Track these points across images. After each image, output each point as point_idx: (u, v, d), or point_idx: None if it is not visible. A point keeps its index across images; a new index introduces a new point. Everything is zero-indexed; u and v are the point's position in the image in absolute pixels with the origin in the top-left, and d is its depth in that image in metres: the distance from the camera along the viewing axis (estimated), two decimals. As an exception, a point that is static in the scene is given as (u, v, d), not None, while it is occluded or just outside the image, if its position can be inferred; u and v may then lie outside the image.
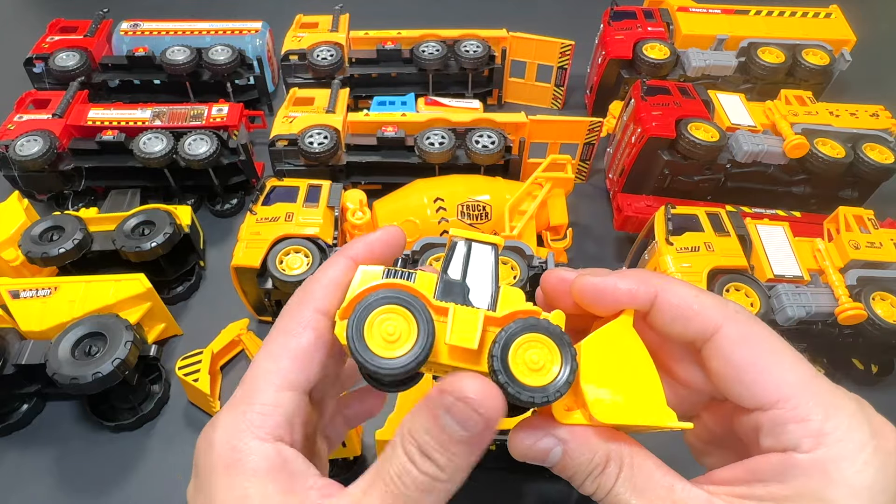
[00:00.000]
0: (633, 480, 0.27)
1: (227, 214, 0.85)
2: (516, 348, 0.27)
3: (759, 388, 0.26)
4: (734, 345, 0.27)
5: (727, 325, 0.27)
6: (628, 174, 0.79)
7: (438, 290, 0.28)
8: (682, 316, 0.28)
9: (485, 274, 0.29)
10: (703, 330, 0.28)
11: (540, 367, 0.27)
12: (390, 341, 0.27)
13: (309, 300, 0.29)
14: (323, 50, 0.92)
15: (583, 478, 0.27)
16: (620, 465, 0.27)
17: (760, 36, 0.93)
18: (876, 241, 0.66)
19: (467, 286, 0.28)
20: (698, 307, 0.28)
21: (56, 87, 0.90)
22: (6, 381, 0.60)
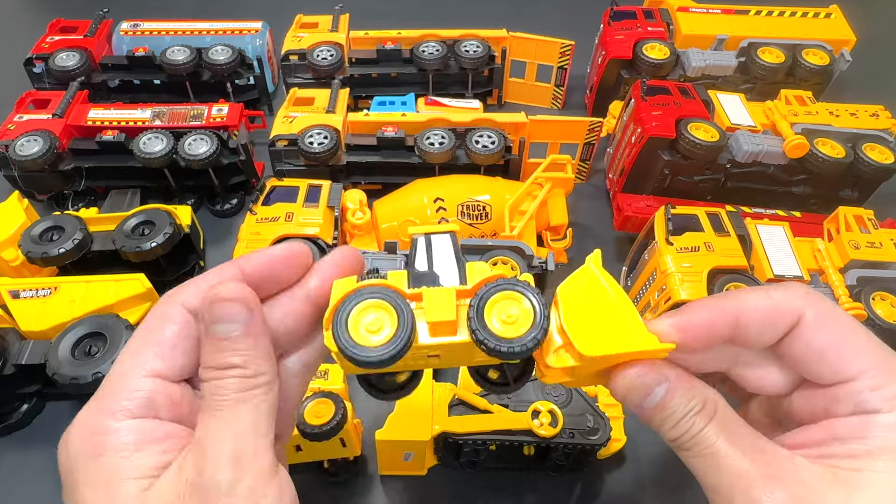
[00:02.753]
0: (723, 423, 0.28)
1: (227, 214, 0.85)
2: (490, 307, 0.29)
3: (841, 366, 0.28)
4: (815, 329, 0.28)
5: (806, 310, 0.28)
6: (628, 174, 0.79)
7: (409, 284, 0.30)
8: (767, 324, 0.29)
9: (448, 259, 0.31)
10: (788, 325, 0.29)
11: (514, 320, 0.28)
12: (374, 332, 0.28)
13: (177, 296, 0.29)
14: (323, 50, 0.92)
15: (678, 418, 0.28)
16: (715, 407, 0.28)
17: (760, 36, 0.93)
18: (876, 241, 0.66)
19: (435, 274, 0.30)
20: (777, 308, 0.29)
21: (56, 87, 0.90)
22: (6, 381, 0.60)
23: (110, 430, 0.26)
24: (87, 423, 0.27)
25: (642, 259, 0.72)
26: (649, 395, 0.28)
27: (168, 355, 0.28)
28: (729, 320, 0.29)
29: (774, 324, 0.29)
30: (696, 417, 0.28)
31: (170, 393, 0.28)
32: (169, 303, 0.29)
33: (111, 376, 0.28)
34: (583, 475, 0.60)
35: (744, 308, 0.29)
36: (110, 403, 0.27)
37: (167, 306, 0.29)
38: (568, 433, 0.54)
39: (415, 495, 0.59)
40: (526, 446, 0.56)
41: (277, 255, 0.30)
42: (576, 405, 0.55)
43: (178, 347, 0.28)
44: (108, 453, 0.26)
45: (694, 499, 0.58)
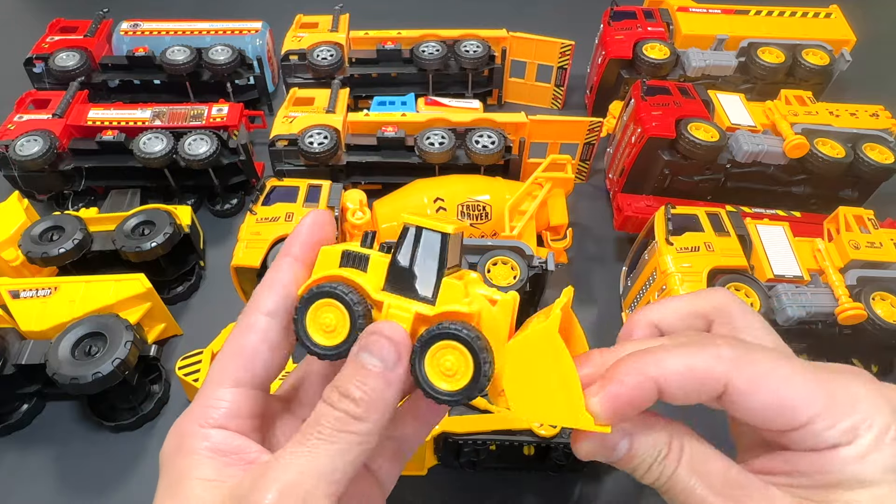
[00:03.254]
0: (693, 463, 0.28)
1: (227, 214, 0.85)
2: (434, 351, 0.28)
3: (786, 419, 0.27)
4: (746, 395, 0.27)
5: (732, 379, 0.27)
6: (628, 174, 0.79)
7: (388, 277, 0.30)
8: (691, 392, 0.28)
9: (431, 262, 0.30)
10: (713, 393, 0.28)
11: (453, 374, 0.28)
12: (328, 332, 0.30)
13: (256, 305, 0.31)
14: (323, 50, 0.92)
15: (648, 465, 0.28)
16: (681, 447, 0.28)
17: (760, 36, 0.93)
18: (876, 241, 0.66)
19: (414, 274, 0.30)
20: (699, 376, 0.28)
21: (56, 87, 0.90)
22: (6, 381, 0.60)
23: (195, 434, 0.29)
24: (179, 426, 0.30)
25: (642, 259, 0.72)
26: (614, 450, 0.28)
27: (249, 365, 0.30)
28: (651, 387, 0.28)
29: (698, 391, 0.28)
30: (664, 462, 0.28)
31: (252, 402, 0.30)
32: (250, 312, 0.31)
33: (204, 384, 0.31)
34: (583, 475, 0.60)
35: (664, 374, 0.28)
36: (200, 411, 0.29)
37: (249, 315, 0.31)
38: (568, 433, 0.54)
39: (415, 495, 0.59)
40: (526, 446, 0.56)
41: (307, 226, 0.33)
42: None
43: (258, 355, 0.30)
44: (185, 454, 0.28)
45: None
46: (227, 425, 0.29)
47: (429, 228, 0.30)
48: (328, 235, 0.33)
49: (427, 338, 0.28)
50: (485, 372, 0.28)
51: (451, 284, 0.29)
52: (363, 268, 0.31)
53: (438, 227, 0.30)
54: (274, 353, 0.31)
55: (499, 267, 0.64)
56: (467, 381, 0.28)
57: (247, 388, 0.30)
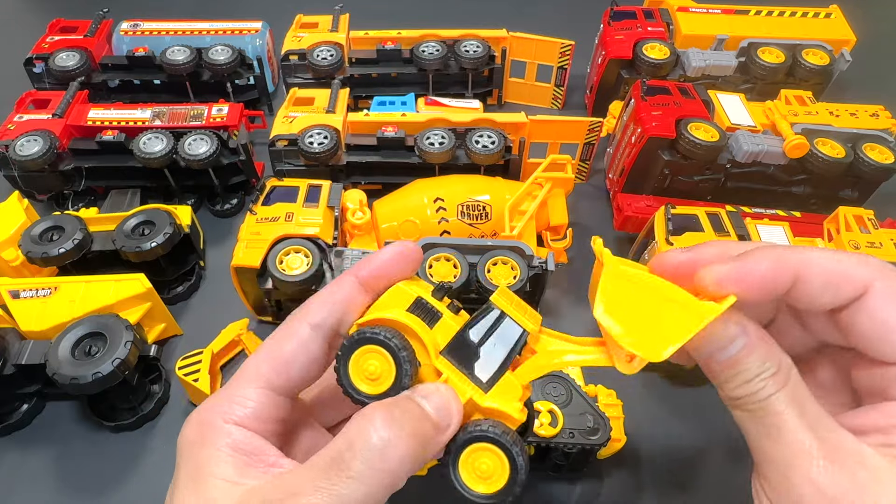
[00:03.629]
0: (795, 393, 0.26)
1: (227, 214, 0.85)
2: (471, 451, 0.28)
3: None
4: (882, 303, 0.26)
5: (876, 282, 0.26)
6: (628, 174, 0.79)
7: (451, 343, 0.29)
8: (831, 285, 0.27)
9: (500, 351, 0.29)
10: (853, 294, 0.27)
11: (488, 477, 0.28)
12: (372, 379, 0.29)
13: (304, 314, 0.31)
14: (323, 50, 0.92)
15: (748, 378, 0.26)
16: (789, 373, 0.27)
17: (760, 36, 0.93)
18: (876, 241, 0.66)
19: (479, 354, 0.29)
20: (844, 272, 0.27)
21: (56, 87, 0.90)
22: (6, 381, 0.60)
23: (217, 428, 0.28)
24: (202, 416, 0.29)
25: (642, 259, 0.72)
26: (726, 347, 0.26)
27: (283, 370, 0.30)
28: (789, 275, 0.27)
29: (838, 287, 0.27)
30: (769, 380, 0.26)
31: (278, 407, 0.30)
32: (296, 319, 0.31)
33: (234, 378, 0.30)
34: (583, 475, 0.60)
35: (808, 264, 0.27)
36: (225, 405, 0.29)
37: (294, 322, 0.31)
38: (568, 433, 0.54)
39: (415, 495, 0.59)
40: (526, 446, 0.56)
41: (388, 258, 0.31)
42: (576, 405, 0.55)
43: (294, 363, 0.30)
44: (207, 447, 0.28)
45: (694, 499, 0.58)
46: (249, 425, 0.29)
47: (513, 319, 0.29)
48: (407, 273, 0.32)
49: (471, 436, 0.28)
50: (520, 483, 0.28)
51: (510, 382, 0.29)
52: (431, 324, 0.30)
53: (522, 322, 0.29)
54: (310, 365, 0.30)
55: (499, 267, 0.64)
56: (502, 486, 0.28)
57: (275, 393, 0.30)
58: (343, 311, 0.30)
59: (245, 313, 0.72)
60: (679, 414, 0.65)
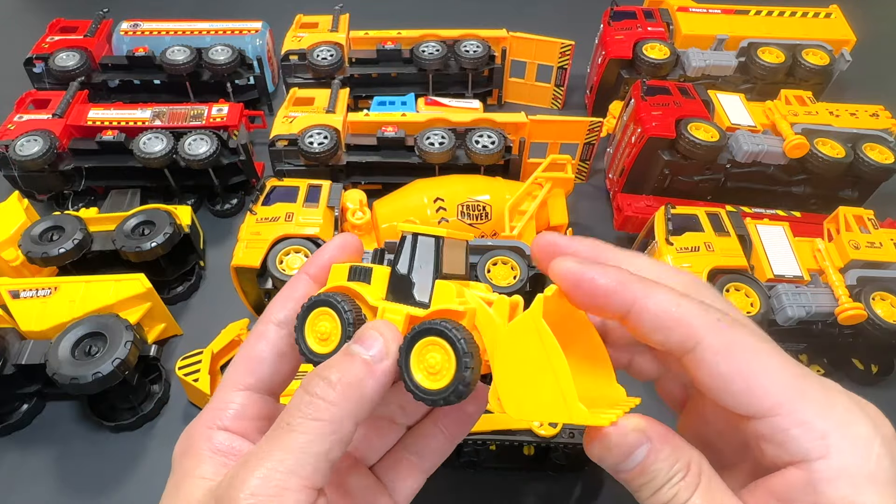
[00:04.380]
0: (709, 496, 0.25)
1: (227, 214, 0.85)
2: (420, 348, 0.28)
3: (750, 398, 0.25)
4: (717, 356, 0.25)
5: (708, 335, 0.25)
6: (628, 174, 0.79)
7: (389, 287, 0.31)
8: (662, 326, 0.26)
9: (428, 267, 0.30)
10: (683, 341, 0.26)
11: (437, 371, 0.28)
12: (323, 339, 0.30)
13: (268, 315, 0.32)
14: (323, 50, 0.92)
15: (660, 484, 0.25)
16: (700, 473, 0.25)
17: (760, 36, 0.93)
18: (876, 241, 0.66)
19: (412, 281, 0.30)
20: (678, 316, 0.26)
21: (56, 87, 0.90)
22: (6, 381, 0.60)
23: (202, 435, 0.30)
24: (190, 429, 0.31)
25: (642, 259, 0.71)
26: (629, 456, 0.26)
27: (258, 369, 0.31)
28: (626, 299, 0.26)
29: (669, 330, 0.26)
30: (680, 484, 0.25)
31: (259, 405, 0.31)
32: (262, 321, 0.32)
33: (217, 389, 0.32)
34: (583, 475, 0.60)
35: (646, 297, 0.26)
36: (209, 414, 0.30)
37: (261, 324, 0.32)
38: (568, 433, 0.54)
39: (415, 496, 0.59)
40: (526, 446, 0.56)
41: (332, 251, 0.33)
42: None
43: (266, 362, 0.31)
44: (191, 454, 0.29)
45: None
46: (233, 427, 0.30)
47: (424, 234, 0.30)
48: (352, 259, 0.33)
49: (413, 333, 0.28)
50: (465, 367, 0.27)
51: (443, 286, 0.29)
52: (367, 280, 0.31)
53: (433, 232, 0.30)
54: (282, 361, 0.32)
55: (499, 267, 0.64)
56: (449, 381, 0.27)
57: (254, 392, 0.31)
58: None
59: (245, 313, 0.72)
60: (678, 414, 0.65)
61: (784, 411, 0.24)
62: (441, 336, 0.27)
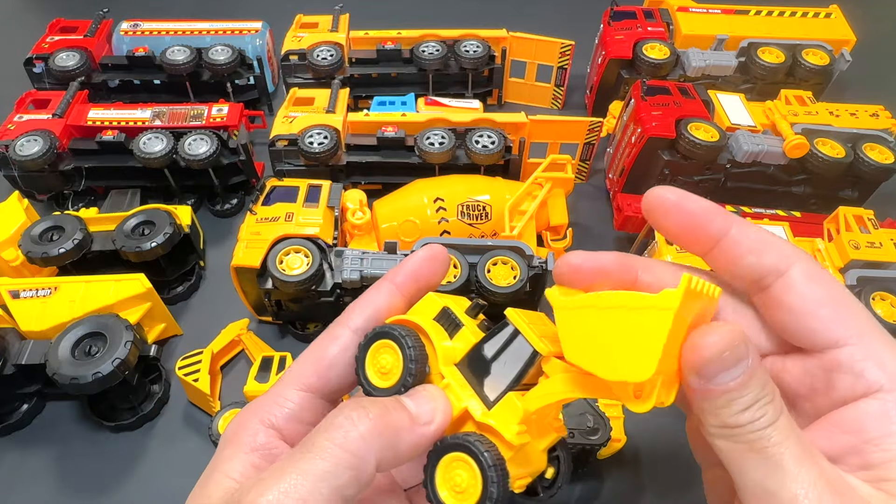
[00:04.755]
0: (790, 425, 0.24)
1: (227, 214, 0.85)
2: (449, 461, 0.27)
3: (838, 323, 0.25)
4: (810, 279, 0.26)
5: (801, 261, 0.26)
6: (628, 174, 0.79)
7: (466, 356, 0.29)
8: (756, 249, 0.27)
9: (510, 369, 0.28)
10: (776, 263, 0.26)
11: (462, 492, 0.27)
12: (382, 373, 0.29)
13: (346, 319, 0.32)
14: (323, 50, 0.92)
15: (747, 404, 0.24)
16: (782, 404, 0.25)
17: (760, 36, 0.93)
18: (876, 241, 0.66)
19: (490, 370, 0.29)
20: (773, 241, 0.27)
21: (56, 87, 0.90)
22: (6, 381, 0.60)
23: (249, 428, 0.29)
24: (241, 416, 0.30)
25: (642, 259, 0.71)
26: (732, 368, 0.24)
27: (324, 372, 0.30)
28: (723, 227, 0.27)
29: (761, 253, 0.27)
30: (769, 407, 0.24)
31: (316, 410, 0.30)
32: (338, 324, 0.32)
33: (278, 380, 0.31)
34: (583, 475, 0.60)
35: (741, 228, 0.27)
36: (265, 406, 0.30)
37: (337, 327, 0.31)
38: (568, 433, 0.54)
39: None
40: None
41: (419, 261, 0.33)
42: (576, 405, 0.55)
43: (335, 367, 0.30)
44: (232, 445, 0.28)
45: (694, 499, 0.58)
46: (284, 427, 0.29)
47: (525, 337, 0.28)
48: (437, 273, 0.33)
49: (445, 445, 0.27)
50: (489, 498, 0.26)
51: (513, 403, 0.28)
52: (451, 334, 0.30)
53: (534, 343, 0.28)
54: (350, 370, 0.31)
55: (499, 267, 0.64)
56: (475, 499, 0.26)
57: (315, 396, 0.30)
58: (382, 317, 0.31)
59: (245, 313, 0.72)
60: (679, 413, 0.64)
61: (865, 342, 0.25)
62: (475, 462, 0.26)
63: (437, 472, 0.27)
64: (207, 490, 0.27)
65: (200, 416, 0.65)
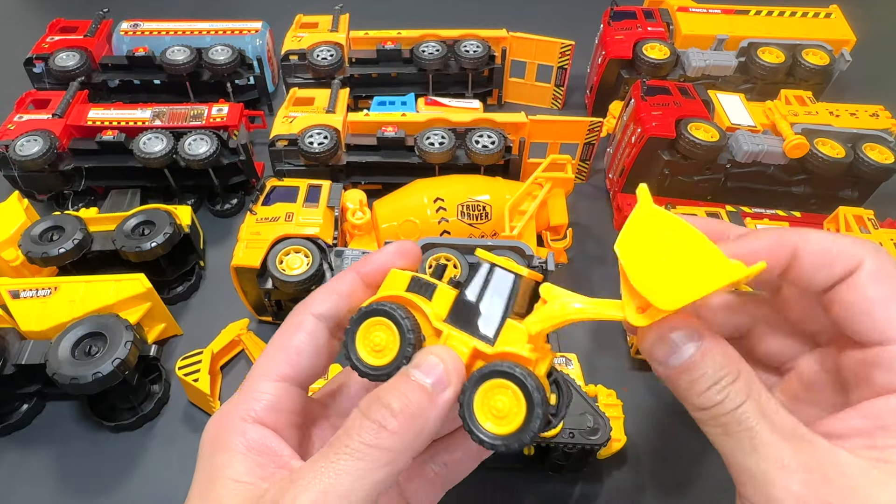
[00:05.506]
0: (762, 406, 0.25)
1: (227, 214, 0.85)
2: (485, 391, 0.27)
3: (888, 323, 0.26)
4: (872, 279, 0.26)
5: (867, 259, 0.27)
6: (628, 174, 0.79)
7: (452, 309, 0.29)
8: (824, 264, 0.27)
9: (499, 302, 0.29)
10: (845, 271, 0.27)
11: (504, 416, 0.27)
12: (376, 351, 0.29)
13: (307, 305, 0.31)
14: (323, 50, 0.92)
15: (707, 384, 0.26)
16: (751, 382, 0.26)
17: (760, 36, 0.93)
18: (876, 241, 0.66)
19: (479, 311, 0.29)
20: (838, 250, 0.27)
21: (56, 87, 0.90)
22: (6, 381, 0.60)
23: (234, 428, 0.29)
24: (220, 416, 0.29)
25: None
26: (677, 351, 0.26)
27: (295, 360, 0.31)
28: (787, 252, 0.27)
29: (832, 265, 0.27)
30: (731, 388, 0.25)
31: (293, 398, 0.30)
32: (299, 311, 0.32)
33: (248, 377, 0.31)
34: (583, 475, 0.60)
35: (805, 241, 0.27)
36: (243, 402, 0.29)
37: (298, 315, 0.31)
38: (568, 433, 0.54)
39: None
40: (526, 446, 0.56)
41: (388, 255, 0.32)
42: (576, 405, 0.55)
43: (303, 353, 0.31)
44: (221, 448, 0.28)
45: (694, 499, 0.58)
46: (266, 419, 0.29)
47: (502, 267, 0.29)
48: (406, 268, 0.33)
49: (482, 374, 0.27)
50: (536, 417, 0.26)
51: (514, 327, 0.28)
52: (429, 296, 0.30)
53: (512, 268, 0.29)
54: (319, 354, 0.31)
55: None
56: (518, 426, 0.26)
57: (289, 384, 0.30)
58: (346, 304, 0.31)
59: (245, 313, 0.72)
60: (679, 413, 0.65)
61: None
62: (514, 382, 0.26)
63: (474, 406, 0.27)
64: (215, 498, 0.27)
65: (200, 416, 0.65)
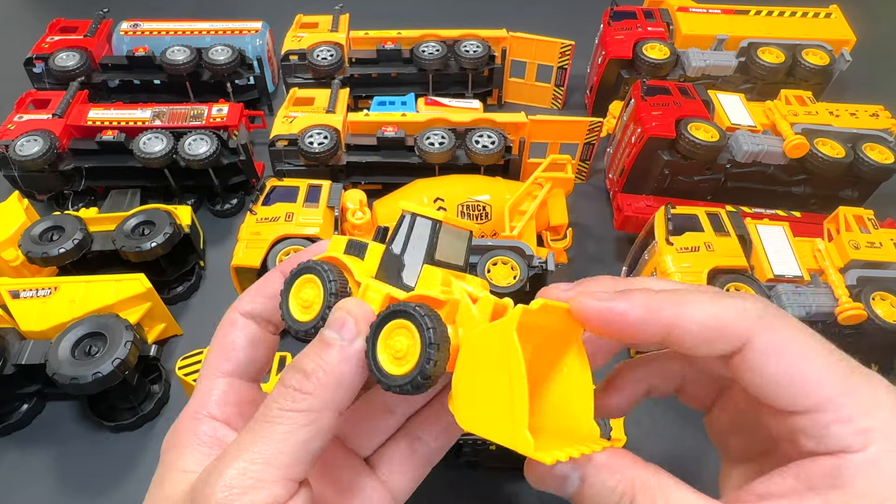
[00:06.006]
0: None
1: (227, 214, 0.85)
2: (387, 333, 0.27)
3: (796, 396, 0.25)
4: (765, 357, 0.25)
5: (754, 337, 0.25)
6: (628, 174, 0.79)
7: (380, 265, 0.30)
8: (704, 341, 0.26)
9: (420, 250, 0.29)
10: (729, 348, 0.26)
11: (403, 356, 0.26)
12: (305, 307, 0.30)
13: (235, 305, 0.33)
14: (323, 50, 0.92)
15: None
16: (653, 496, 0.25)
17: (760, 36, 0.93)
18: (876, 241, 0.66)
19: (403, 263, 0.29)
20: (720, 326, 0.25)
21: (56, 87, 0.90)
22: (6, 381, 0.60)
23: (187, 427, 0.30)
24: (176, 423, 0.31)
25: (642, 259, 0.72)
26: (564, 482, 0.26)
27: (232, 355, 0.32)
28: (661, 326, 0.26)
29: (713, 343, 0.26)
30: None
31: (240, 390, 0.32)
32: (230, 311, 0.33)
33: (198, 381, 0.32)
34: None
35: (681, 317, 0.26)
36: (193, 404, 0.31)
37: (228, 315, 0.33)
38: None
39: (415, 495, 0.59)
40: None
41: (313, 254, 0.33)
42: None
43: (238, 347, 0.32)
44: (176, 447, 0.29)
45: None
46: (217, 413, 0.30)
47: (422, 215, 0.29)
48: None
49: (385, 314, 0.27)
50: (428, 358, 0.25)
51: (430, 271, 0.28)
52: (362, 255, 0.30)
53: (432, 215, 0.29)
54: (255, 347, 0.32)
55: (499, 267, 0.64)
56: (410, 368, 0.26)
57: (232, 378, 0.32)
58: (272, 304, 0.32)
59: (245, 313, 0.72)
60: (679, 414, 0.65)
61: (829, 408, 0.24)
62: (410, 320, 0.26)
63: (378, 349, 0.27)
64: (165, 490, 0.28)
65: (200, 416, 0.65)
